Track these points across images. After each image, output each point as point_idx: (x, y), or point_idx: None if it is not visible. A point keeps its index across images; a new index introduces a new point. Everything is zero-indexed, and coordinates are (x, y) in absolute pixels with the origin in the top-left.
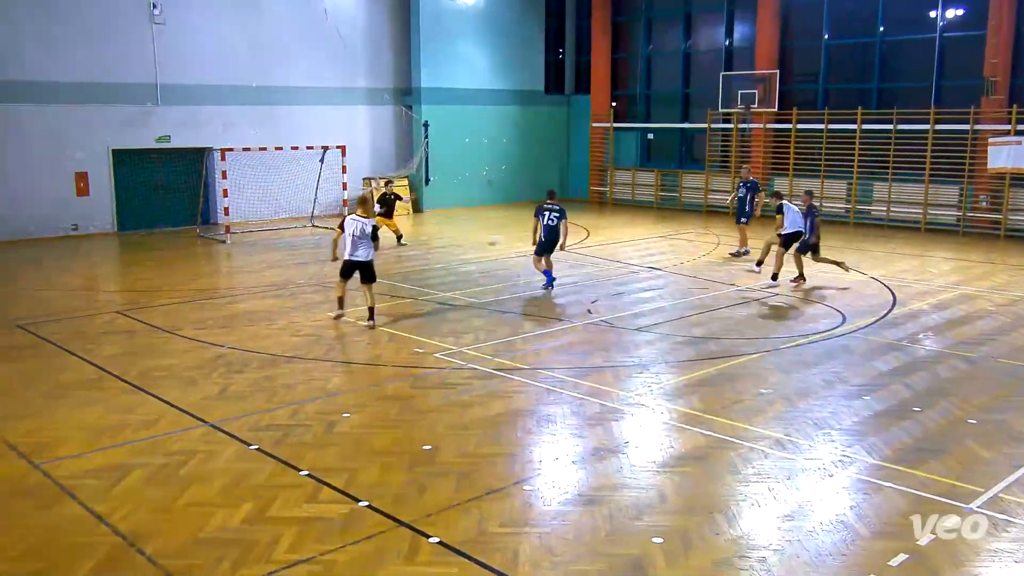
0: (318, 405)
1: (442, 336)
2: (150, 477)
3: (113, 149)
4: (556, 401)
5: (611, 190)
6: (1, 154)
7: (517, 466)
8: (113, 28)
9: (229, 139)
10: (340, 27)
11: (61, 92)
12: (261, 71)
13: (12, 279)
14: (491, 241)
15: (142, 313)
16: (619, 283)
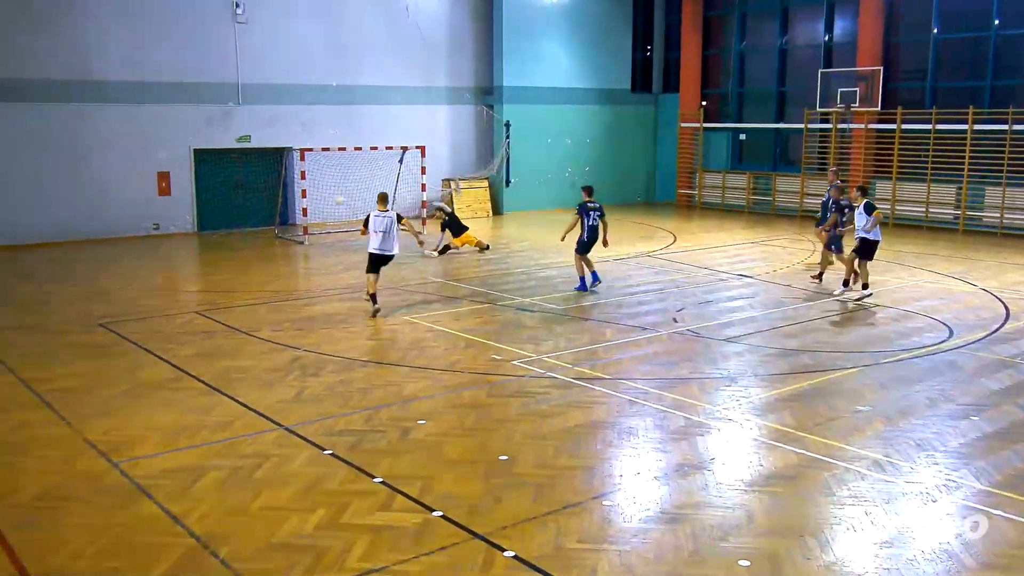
0: (393, 411)
1: (521, 343)
2: (225, 479)
3: (194, 149)
4: (638, 413)
5: (700, 193)
6: (86, 153)
7: (596, 480)
8: (196, 28)
9: (308, 139)
10: (421, 25)
11: (145, 92)
12: (341, 70)
13: (95, 278)
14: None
15: (220, 314)
16: (707, 291)
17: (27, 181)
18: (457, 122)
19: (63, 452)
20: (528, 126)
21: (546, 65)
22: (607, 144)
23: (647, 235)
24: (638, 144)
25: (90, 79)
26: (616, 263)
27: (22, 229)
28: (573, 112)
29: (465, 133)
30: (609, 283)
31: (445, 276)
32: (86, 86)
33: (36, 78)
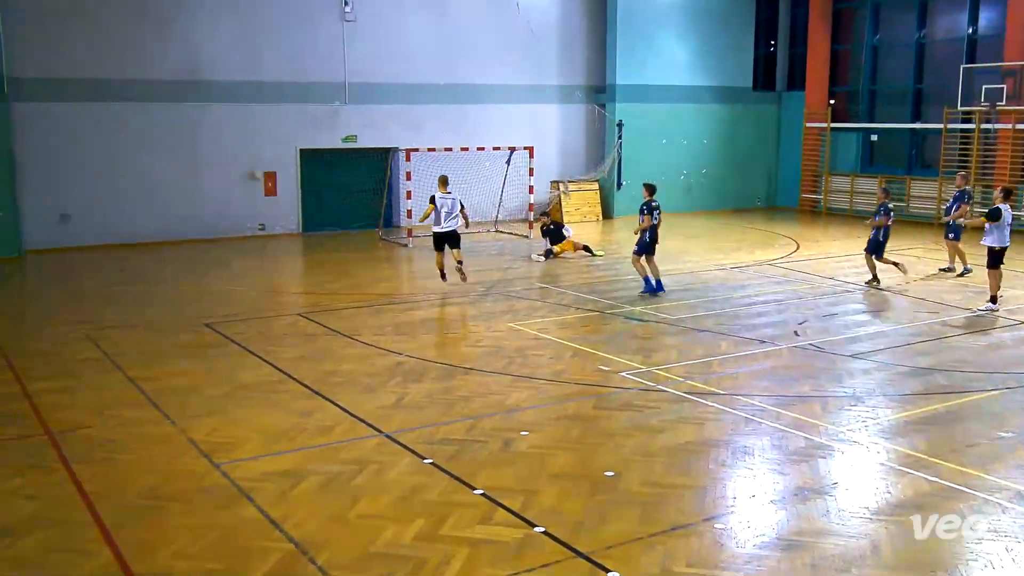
0: (495, 421)
1: (630, 354)
2: (324, 485)
3: (301, 149)
4: (755, 432)
5: (826, 198)
6: (194, 153)
7: (708, 501)
8: (305, 27)
9: (414, 139)
10: (532, 21)
11: (253, 91)
12: (449, 69)
13: (202, 278)
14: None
15: (323, 316)
16: (832, 303)
17: (137, 181)
18: (567, 122)
19: (167, 451)
20: (642, 126)
21: (662, 62)
22: (726, 145)
23: (767, 242)
24: (759, 145)
25: (199, 79)
26: (733, 271)
27: (132, 228)
28: (690, 111)
29: (575, 133)
30: (726, 293)
31: (552, 282)
32: (195, 86)
33: (146, 78)
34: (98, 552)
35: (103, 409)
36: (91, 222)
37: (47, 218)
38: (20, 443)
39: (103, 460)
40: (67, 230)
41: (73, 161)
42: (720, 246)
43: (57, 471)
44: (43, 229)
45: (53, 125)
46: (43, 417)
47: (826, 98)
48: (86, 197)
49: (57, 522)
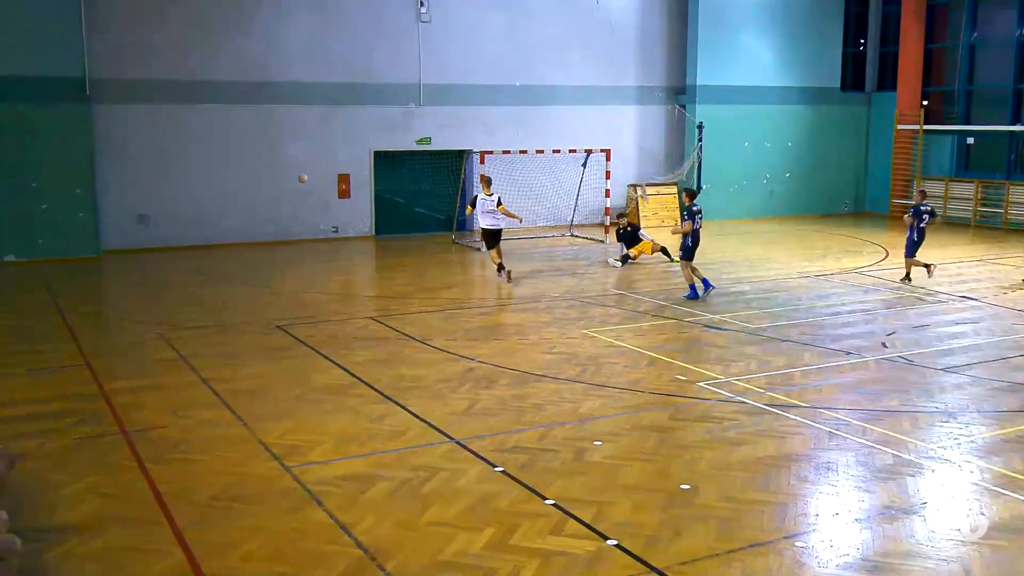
0: (568, 430)
1: (708, 363)
2: (394, 491)
3: (374, 151)
4: (839, 447)
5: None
6: (269, 154)
7: (788, 518)
8: (380, 29)
9: (489, 141)
10: (611, 22)
11: (327, 93)
12: (525, 70)
13: (275, 280)
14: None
15: (394, 320)
16: (922, 313)
17: (213, 182)
18: (645, 124)
19: (239, 453)
20: (723, 128)
21: (745, 62)
22: (812, 148)
23: (854, 249)
24: (847, 148)
25: (275, 81)
26: (818, 279)
27: (208, 229)
28: (774, 113)
29: (654, 135)
30: (810, 301)
31: (627, 288)
32: (271, 88)
33: (223, 80)
34: (170, 552)
35: (177, 409)
36: (167, 223)
37: (125, 219)
38: (96, 441)
39: (176, 460)
40: (144, 231)
41: (151, 162)
42: (804, 253)
43: (131, 470)
44: (121, 229)
45: (132, 127)
46: (119, 416)
47: (919, 99)
48: (163, 198)
49: (131, 521)
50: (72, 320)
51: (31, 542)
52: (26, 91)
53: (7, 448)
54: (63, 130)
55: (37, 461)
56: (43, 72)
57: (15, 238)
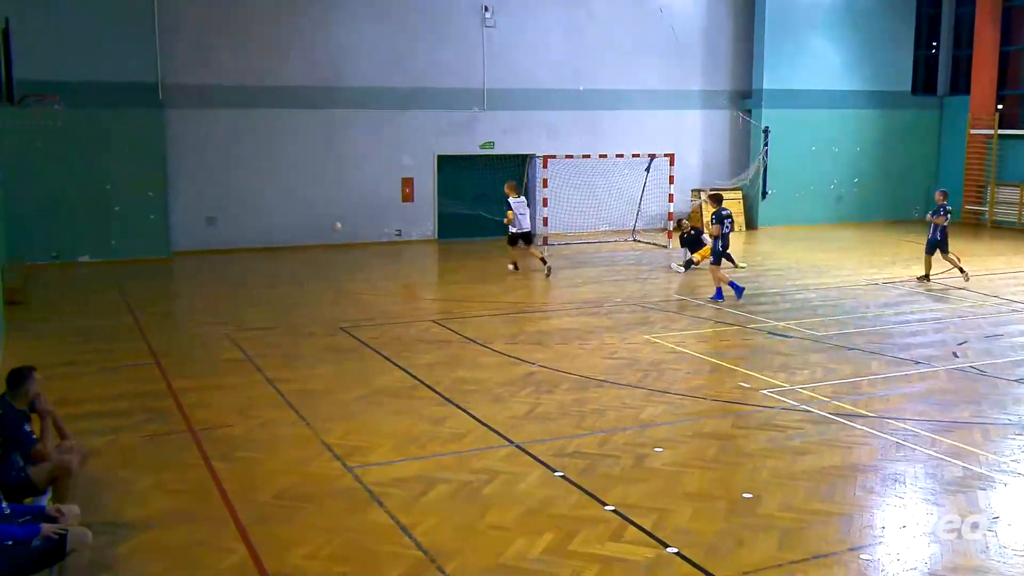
0: (628, 436)
1: (772, 371)
2: (454, 493)
3: (438, 155)
4: (907, 458)
5: (991, 210)
6: (335, 158)
7: (853, 530)
8: (445, 32)
9: (552, 145)
10: (675, 26)
11: (392, 98)
12: (588, 74)
13: (340, 282)
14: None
15: (456, 323)
16: (996, 323)
17: (280, 185)
18: (710, 128)
19: (302, 453)
20: (789, 132)
21: (812, 65)
22: (881, 153)
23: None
24: (918, 153)
25: (341, 86)
26: (886, 287)
27: (274, 231)
28: (842, 117)
29: (718, 140)
30: (878, 309)
31: (690, 294)
32: (337, 92)
33: (291, 85)
34: (234, 549)
35: (243, 409)
36: (236, 225)
37: (194, 221)
38: (165, 439)
39: (241, 459)
40: (213, 233)
41: (220, 165)
42: (872, 260)
43: (198, 468)
44: (190, 231)
45: (202, 130)
46: (186, 414)
47: (993, 103)
48: (232, 200)
49: (197, 517)
50: (143, 320)
51: (101, 536)
52: (101, 96)
53: (79, 444)
54: (136, 134)
55: (108, 457)
56: (117, 78)
57: (89, 239)
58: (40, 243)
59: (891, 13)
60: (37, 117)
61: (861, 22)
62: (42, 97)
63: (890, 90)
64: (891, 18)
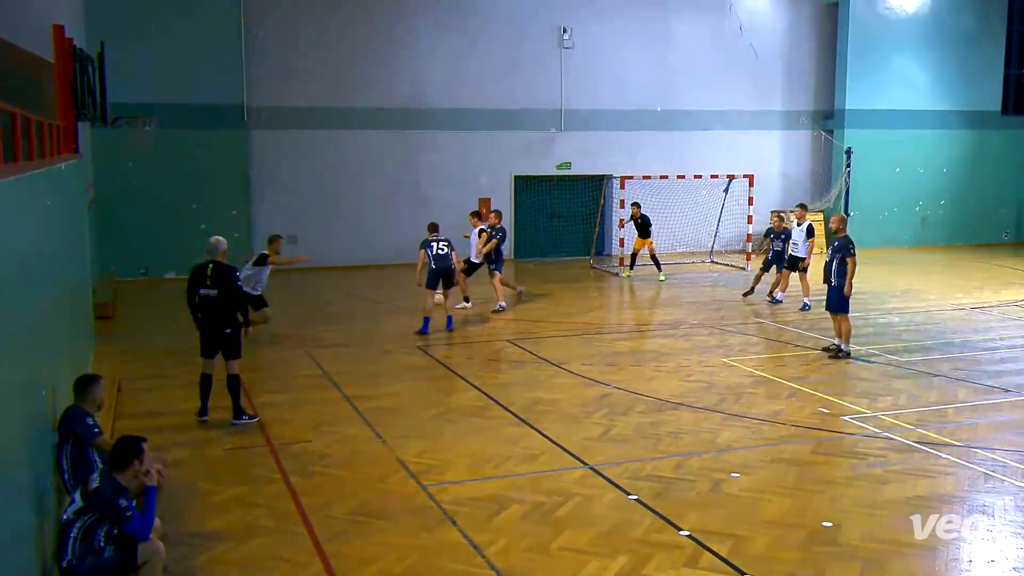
0: (705, 460)
1: (854, 396)
2: (527, 514)
3: (515, 175)
4: (995, 489)
5: None
6: (414, 178)
7: (939, 563)
8: (523, 54)
9: (629, 166)
10: (755, 45)
11: (470, 119)
12: (666, 95)
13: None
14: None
15: (531, 343)
16: None
17: (360, 204)
18: (790, 149)
19: (378, 470)
20: (873, 153)
21: (897, 85)
22: (969, 173)
23: (1016, 281)
24: (1008, 173)
25: (420, 107)
26: (974, 312)
27: (354, 250)
28: (928, 137)
29: (799, 161)
30: (965, 335)
31: (770, 317)
32: (416, 114)
33: (372, 107)
34: (309, 563)
35: (320, 425)
36: (316, 243)
37: None
38: (244, 452)
39: (318, 474)
40: (294, 251)
41: (302, 185)
42: (959, 284)
43: (276, 482)
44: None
45: (284, 151)
46: (266, 429)
47: None
48: (312, 219)
49: (274, 530)
50: None
51: (181, 546)
52: (188, 118)
53: (161, 455)
54: (221, 155)
55: (190, 469)
56: (204, 100)
57: (175, 256)
58: (129, 259)
59: (980, 31)
60: (129, 138)
61: (948, 40)
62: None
63: (979, 110)
64: (980, 36)
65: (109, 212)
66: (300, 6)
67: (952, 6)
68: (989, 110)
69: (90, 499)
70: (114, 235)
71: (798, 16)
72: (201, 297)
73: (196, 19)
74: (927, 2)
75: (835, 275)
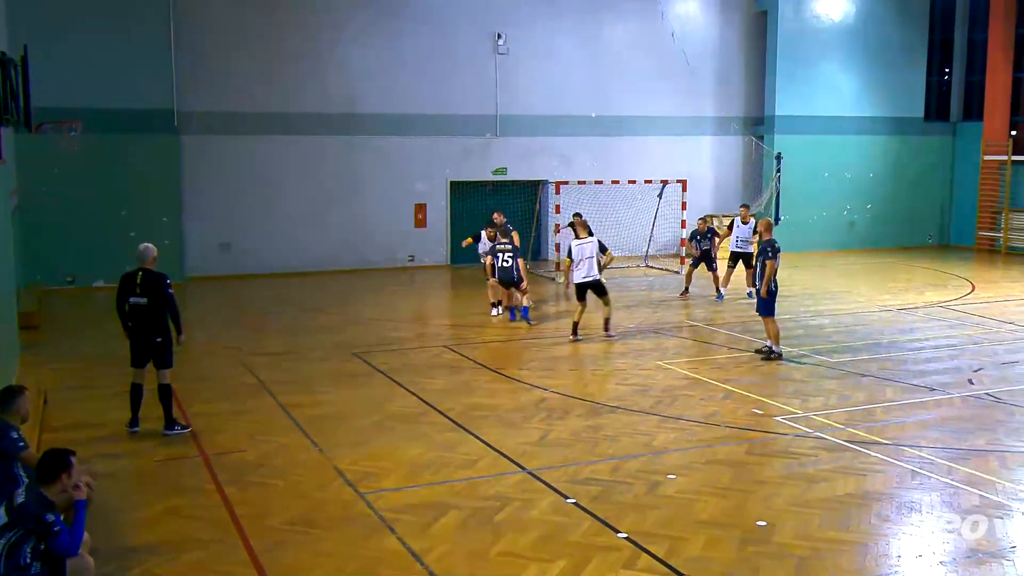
0: (641, 462)
1: (786, 397)
2: (466, 520)
3: (451, 181)
4: (922, 486)
5: (1006, 236)
6: (349, 184)
7: (869, 559)
8: (458, 59)
9: (565, 172)
10: (687, 52)
11: (406, 124)
12: (600, 101)
13: (353, 307)
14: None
15: (468, 349)
16: (1011, 350)
17: (294, 211)
18: (722, 154)
19: (314, 479)
20: (802, 159)
21: (825, 92)
22: (894, 179)
23: (939, 283)
24: (931, 179)
25: (353, 113)
26: (900, 313)
27: (287, 257)
28: (855, 143)
29: (731, 166)
30: (892, 336)
31: (703, 320)
32: (350, 119)
33: (304, 112)
34: (246, 575)
35: (255, 434)
36: (249, 251)
37: (208, 246)
38: (177, 463)
39: (253, 484)
40: (227, 258)
41: (234, 191)
42: (886, 286)
43: (211, 493)
44: (204, 257)
45: (217, 157)
46: (200, 440)
47: (1007, 129)
48: (245, 226)
49: (209, 543)
50: None
51: (112, 561)
52: (116, 122)
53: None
54: (151, 160)
55: (121, 481)
56: (133, 104)
57: (104, 264)
58: (56, 268)
59: (904, 40)
60: (55, 143)
61: (874, 48)
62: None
63: (903, 116)
64: (904, 45)
65: (35, 219)
66: (233, 9)
67: (876, 16)
68: (912, 117)
69: (15, 514)
70: (40, 243)
71: (728, 24)
72: (131, 305)
73: (125, 22)
74: (852, 11)
75: (757, 278)
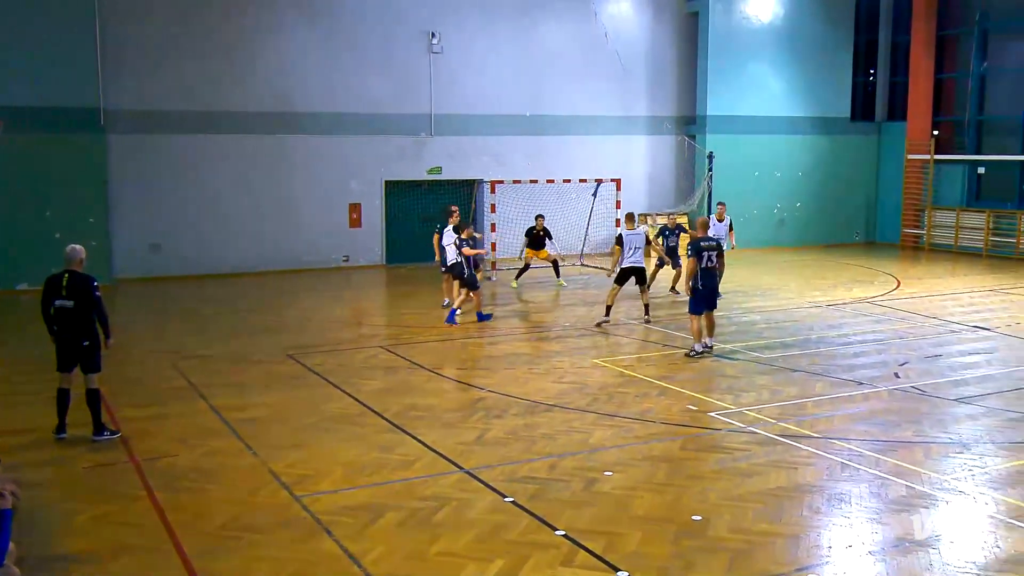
0: (578, 460)
1: (720, 393)
2: (403, 520)
3: (386, 180)
4: (851, 478)
5: (928, 234)
6: (282, 184)
7: (801, 550)
8: (392, 58)
9: (500, 171)
10: (620, 52)
11: (339, 123)
12: (535, 100)
13: (286, 308)
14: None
15: (404, 349)
16: (935, 343)
17: (225, 211)
18: (656, 154)
19: (249, 482)
20: (733, 158)
21: (755, 92)
22: (822, 178)
23: (866, 279)
24: (858, 178)
25: (287, 111)
26: (829, 309)
27: (220, 258)
28: (784, 143)
29: (664, 166)
30: (821, 331)
31: (639, 319)
32: (283, 118)
33: (236, 111)
34: None
35: (187, 438)
36: (180, 252)
37: (138, 247)
38: (107, 470)
39: (186, 489)
40: (157, 259)
41: (164, 191)
42: (815, 283)
43: (142, 499)
44: (133, 258)
45: (145, 156)
46: (130, 445)
47: (929, 129)
48: (176, 227)
49: (141, 549)
50: None
51: (39, 572)
52: (41, 121)
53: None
54: (77, 160)
55: (48, 489)
56: (56, 102)
57: (29, 266)
58: None
59: (830, 41)
60: None
61: (801, 49)
62: None
63: (830, 116)
64: (830, 46)
65: None
66: (163, 5)
67: (804, 17)
68: (839, 116)
69: None
70: None
71: (661, 25)
72: (57, 308)
73: (47, 17)
74: (781, 13)
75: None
